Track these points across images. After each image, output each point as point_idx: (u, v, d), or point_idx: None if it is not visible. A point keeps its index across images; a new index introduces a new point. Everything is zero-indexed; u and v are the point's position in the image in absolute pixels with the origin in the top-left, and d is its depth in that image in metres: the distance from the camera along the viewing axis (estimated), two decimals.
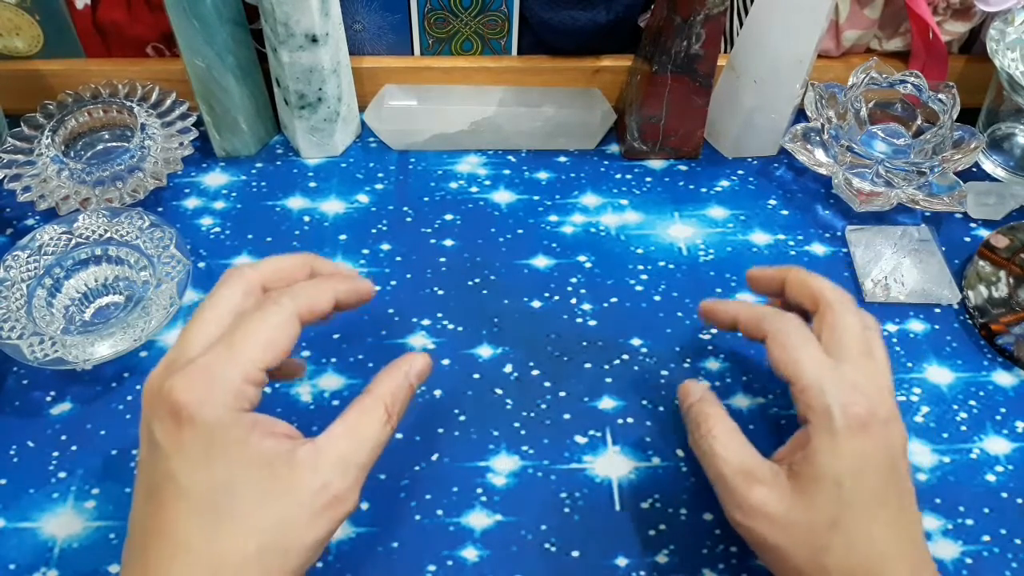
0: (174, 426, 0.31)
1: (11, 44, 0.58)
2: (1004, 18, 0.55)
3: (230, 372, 0.32)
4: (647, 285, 0.52)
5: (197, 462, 0.31)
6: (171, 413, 0.31)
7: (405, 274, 0.52)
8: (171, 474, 0.31)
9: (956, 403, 0.47)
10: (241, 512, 0.31)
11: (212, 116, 0.56)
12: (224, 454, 0.31)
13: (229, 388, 0.32)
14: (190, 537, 0.30)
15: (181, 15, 0.51)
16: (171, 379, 0.31)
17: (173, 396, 0.31)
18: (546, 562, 0.40)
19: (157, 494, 0.31)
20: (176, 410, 0.31)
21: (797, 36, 0.54)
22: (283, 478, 0.31)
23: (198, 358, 0.32)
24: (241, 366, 0.32)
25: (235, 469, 0.31)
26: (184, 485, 0.31)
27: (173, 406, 0.31)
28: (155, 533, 0.31)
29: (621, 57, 0.61)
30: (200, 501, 0.31)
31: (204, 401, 0.31)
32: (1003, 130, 0.60)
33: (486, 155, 0.60)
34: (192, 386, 0.31)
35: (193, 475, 0.31)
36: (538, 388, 0.47)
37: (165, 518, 0.31)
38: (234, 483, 0.31)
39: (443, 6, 0.58)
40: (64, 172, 0.52)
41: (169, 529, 0.31)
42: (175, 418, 0.31)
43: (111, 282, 0.50)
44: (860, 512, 0.34)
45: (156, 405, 0.32)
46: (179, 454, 0.31)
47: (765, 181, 0.59)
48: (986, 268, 0.53)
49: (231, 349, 0.32)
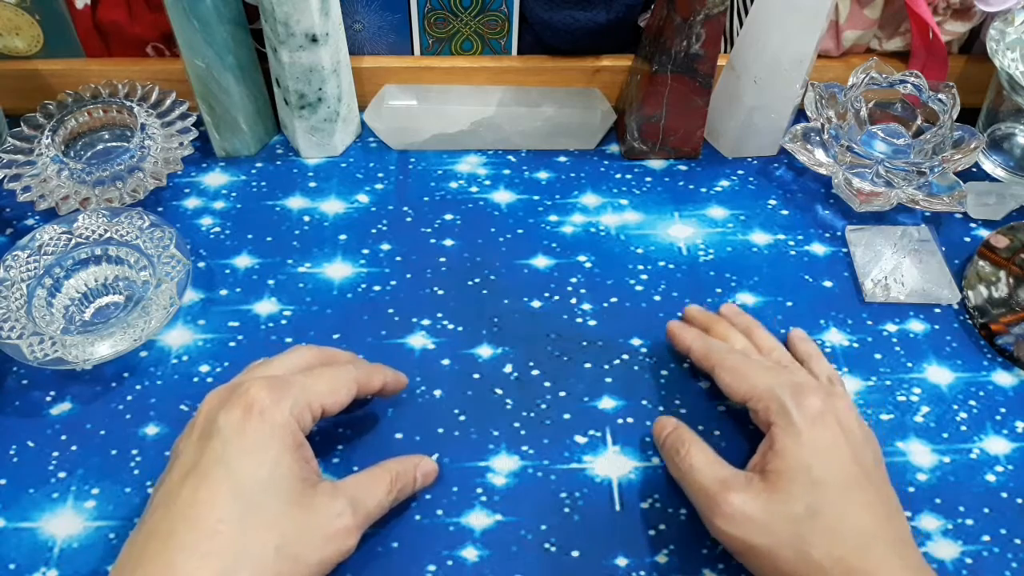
0: (243, 416, 0.35)
1: (11, 44, 0.58)
2: (1004, 18, 0.55)
3: (302, 395, 0.37)
4: (647, 285, 0.52)
5: (251, 452, 0.35)
6: (244, 405, 0.36)
7: (405, 274, 0.52)
8: (224, 457, 0.34)
9: (956, 403, 0.47)
10: (271, 511, 0.34)
11: (212, 116, 0.56)
12: (274, 453, 0.35)
13: (297, 404, 0.37)
14: (223, 518, 0.33)
15: (181, 15, 0.51)
16: (250, 382, 0.36)
17: (251, 392, 0.36)
18: (546, 562, 0.40)
19: (203, 474, 0.34)
20: (250, 403, 0.36)
21: (797, 36, 0.54)
22: (308, 497, 0.36)
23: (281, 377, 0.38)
24: (310, 395, 0.38)
25: (277, 471, 0.35)
26: (234, 468, 0.34)
27: (248, 400, 0.36)
28: (190, 508, 0.33)
29: (621, 57, 0.61)
30: (243, 486, 0.34)
31: (276, 403, 0.36)
32: (1003, 130, 0.60)
33: (486, 155, 0.60)
34: (268, 390, 0.36)
35: (244, 461, 0.35)
36: (538, 388, 0.47)
37: (205, 495, 0.34)
38: (273, 483, 0.35)
39: (443, 6, 0.58)
40: (64, 172, 0.52)
41: (205, 508, 0.33)
42: (247, 410, 0.35)
43: (111, 282, 0.50)
44: (835, 496, 0.36)
45: (230, 396, 0.36)
46: (238, 440, 0.35)
47: (765, 181, 0.59)
48: (986, 268, 0.53)
49: (305, 380, 0.38)
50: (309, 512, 0.35)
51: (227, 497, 0.34)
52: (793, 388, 0.39)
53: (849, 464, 0.37)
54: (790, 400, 0.39)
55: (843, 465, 0.37)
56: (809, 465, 0.37)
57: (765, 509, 0.36)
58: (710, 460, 0.40)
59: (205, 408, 0.37)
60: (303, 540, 0.35)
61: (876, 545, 0.35)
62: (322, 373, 0.40)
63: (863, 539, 0.35)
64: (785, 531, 0.36)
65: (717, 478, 0.38)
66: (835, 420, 0.38)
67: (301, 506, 0.35)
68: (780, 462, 0.37)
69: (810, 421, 0.38)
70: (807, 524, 0.35)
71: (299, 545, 0.34)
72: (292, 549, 0.34)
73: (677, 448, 0.41)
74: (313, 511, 0.35)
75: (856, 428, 0.39)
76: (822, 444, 0.37)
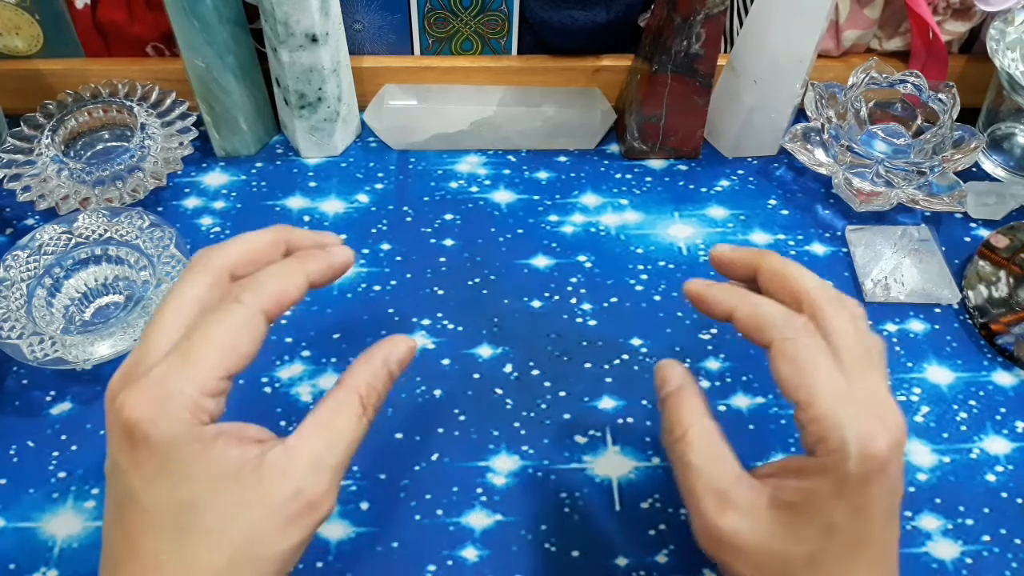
0: (129, 445, 0.29)
1: (11, 44, 0.58)
2: (1004, 18, 0.55)
3: (185, 386, 0.29)
4: (647, 285, 0.52)
5: (156, 481, 0.29)
6: (125, 431, 0.29)
7: (405, 274, 0.52)
8: (132, 492, 0.29)
9: (956, 403, 0.47)
10: (208, 526, 0.29)
11: (212, 116, 0.56)
12: (183, 471, 0.29)
13: (184, 403, 0.29)
14: (158, 554, 0.29)
15: (181, 15, 0.51)
16: (124, 393, 0.29)
17: (124, 414, 0.29)
18: (546, 562, 0.40)
19: (122, 511, 0.30)
20: (129, 429, 0.29)
21: (797, 36, 0.54)
22: (252, 487, 0.30)
23: (151, 372, 0.30)
24: (197, 378, 0.30)
25: (197, 485, 0.29)
26: (145, 504, 0.29)
27: (126, 424, 0.29)
28: (123, 549, 0.30)
29: (621, 57, 0.61)
30: (163, 519, 0.29)
31: (157, 418, 0.29)
32: (1003, 130, 0.60)
33: (486, 155, 0.60)
34: (144, 403, 0.29)
35: (153, 494, 0.29)
36: (538, 388, 0.47)
37: (131, 535, 0.30)
38: (197, 499, 0.29)
39: (443, 6, 0.58)
40: (64, 172, 0.52)
41: (137, 548, 0.29)
42: (129, 437, 0.29)
43: (111, 282, 0.50)
44: (843, 552, 0.31)
45: (111, 420, 0.30)
46: (136, 473, 0.29)
47: (765, 181, 0.59)
48: (986, 268, 0.53)
49: (186, 359, 0.30)
50: (257, 506, 0.30)
51: (151, 533, 0.29)
52: (860, 419, 0.30)
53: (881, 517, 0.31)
54: (854, 443, 0.30)
55: (874, 521, 0.31)
56: (837, 522, 0.30)
57: (762, 542, 0.31)
58: (710, 456, 0.33)
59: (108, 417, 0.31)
60: (259, 539, 0.30)
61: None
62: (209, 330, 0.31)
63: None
64: (774, 568, 0.31)
65: (715, 487, 0.32)
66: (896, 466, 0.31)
67: (244, 504, 0.29)
68: (804, 505, 0.31)
69: (864, 476, 0.30)
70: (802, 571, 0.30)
71: (256, 546, 0.30)
72: (249, 554, 0.29)
73: (673, 425, 0.34)
74: (262, 502, 0.30)
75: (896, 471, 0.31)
76: (864, 502, 0.30)
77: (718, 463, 0.32)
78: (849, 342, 0.32)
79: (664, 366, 0.36)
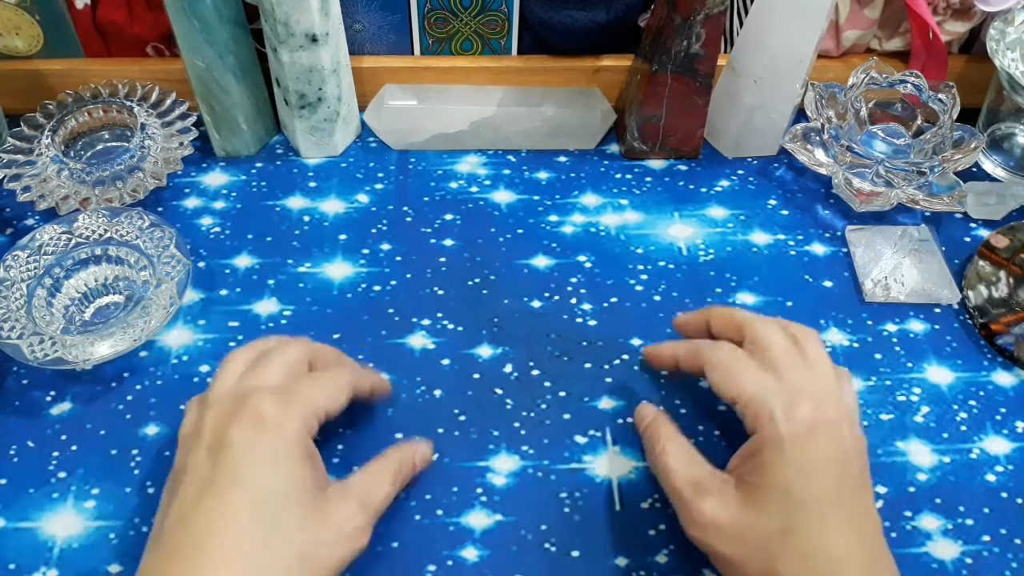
0: (255, 430, 0.35)
1: (11, 44, 0.58)
2: (1004, 18, 0.55)
3: (307, 404, 0.37)
4: (647, 285, 0.52)
5: (266, 465, 0.35)
6: (255, 419, 0.35)
7: (405, 274, 0.52)
8: (239, 472, 0.34)
9: (956, 403, 0.47)
10: (290, 521, 0.35)
11: (212, 116, 0.56)
12: (289, 465, 0.35)
13: (306, 415, 0.37)
14: (246, 532, 0.34)
15: (181, 15, 0.51)
16: (258, 394, 0.36)
17: (262, 407, 0.36)
18: (546, 562, 0.40)
19: (219, 489, 0.34)
20: (261, 417, 0.35)
21: (797, 36, 0.54)
22: (322, 503, 0.36)
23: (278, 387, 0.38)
24: (316, 403, 0.38)
25: (293, 482, 0.35)
26: (251, 482, 0.34)
27: (259, 414, 0.36)
28: (211, 523, 0.34)
29: (621, 57, 0.61)
30: (262, 499, 0.34)
31: (286, 416, 0.36)
32: (1003, 130, 0.60)
33: (486, 155, 0.60)
34: (278, 403, 0.36)
35: (261, 475, 0.35)
36: (538, 388, 0.47)
37: (225, 510, 0.34)
38: (290, 493, 0.35)
39: (443, 6, 0.58)
40: (64, 172, 0.52)
41: (227, 523, 0.34)
42: (258, 424, 0.35)
43: (111, 282, 0.50)
44: (811, 516, 0.34)
45: (238, 411, 0.36)
46: (252, 454, 0.35)
47: (765, 181, 0.59)
48: (986, 268, 0.53)
49: (310, 388, 0.38)
50: (324, 518, 0.36)
51: (247, 511, 0.34)
52: (785, 395, 0.37)
53: (832, 481, 0.35)
54: (779, 410, 0.36)
55: (825, 483, 0.35)
56: (788, 485, 0.35)
57: (737, 521, 0.35)
58: (684, 460, 0.39)
59: (210, 422, 0.36)
60: (322, 545, 0.35)
61: (846, 570, 0.34)
62: (321, 379, 0.40)
63: (834, 563, 0.34)
64: (755, 545, 0.35)
65: (691, 481, 0.37)
66: (826, 432, 0.36)
67: (317, 512, 0.35)
68: (759, 476, 0.35)
69: (799, 436, 0.35)
70: (778, 542, 0.34)
71: (319, 550, 0.35)
72: (312, 555, 0.35)
73: (652, 444, 0.40)
74: (328, 516, 0.36)
75: (847, 437, 0.36)
76: (807, 461, 0.35)
77: (691, 464, 0.38)
78: (780, 351, 0.39)
79: (640, 408, 0.44)
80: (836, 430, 0.36)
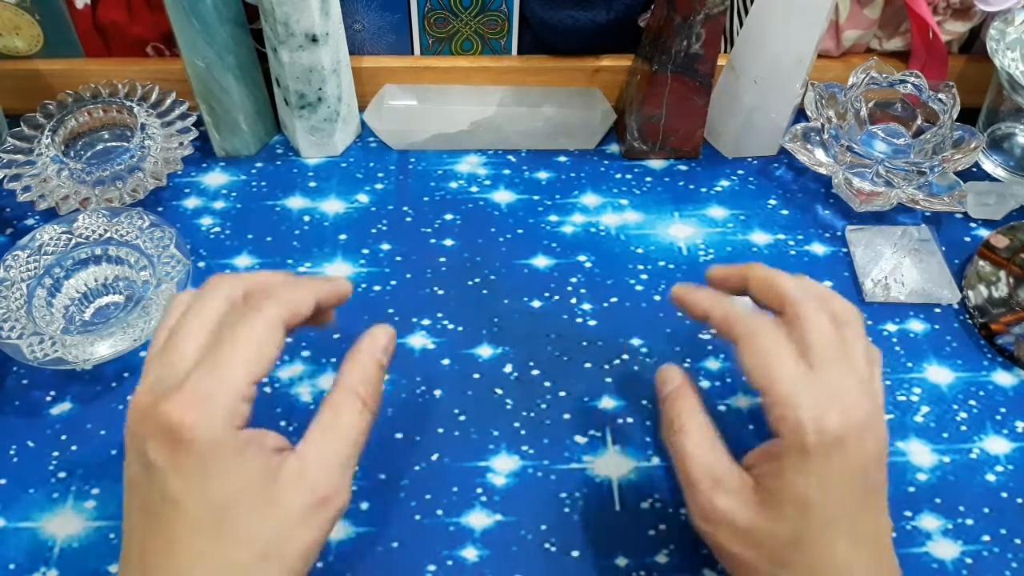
0: (170, 448, 0.31)
1: (11, 44, 0.58)
2: (1004, 18, 0.55)
3: (222, 391, 0.32)
4: (647, 285, 0.52)
5: (196, 482, 0.31)
6: (167, 435, 0.31)
7: (405, 274, 0.52)
8: (170, 495, 0.31)
9: (956, 403, 0.47)
10: (240, 527, 0.31)
11: (212, 116, 0.56)
12: (222, 473, 0.31)
13: (223, 408, 0.32)
14: (193, 554, 0.31)
15: (181, 15, 0.51)
16: (164, 402, 0.31)
17: (169, 418, 0.31)
18: (546, 562, 0.40)
19: (156, 514, 0.32)
20: (172, 432, 0.31)
21: (797, 36, 0.54)
22: (274, 491, 0.32)
23: (188, 378, 0.32)
24: (233, 383, 0.32)
25: (232, 486, 0.31)
26: (184, 505, 0.31)
27: (169, 428, 0.31)
28: (156, 551, 0.31)
29: (621, 57, 0.61)
30: (201, 519, 0.31)
31: (200, 422, 0.31)
32: (1003, 130, 0.60)
33: (486, 155, 0.60)
34: (186, 407, 0.31)
35: (193, 495, 0.31)
36: (538, 388, 0.47)
37: (166, 537, 0.31)
38: (232, 500, 0.31)
39: (443, 6, 0.58)
40: (64, 172, 0.52)
41: (172, 547, 0.31)
42: (172, 440, 0.31)
43: (111, 282, 0.50)
44: (825, 529, 0.33)
45: (150, 426, 0.32)
46: (177, 474, 0.31)
47: (765, 181, 0.59)
48: (986, 268, 0.53)
49: (219, 366, 0.32)
50: (279, 508, 0.32)
51: (188, 533, 0.31)
52: (816, 398, 0.34)
53: (852, 496, 0.33)
54: (808, 419, 0.33)
55: (845, 498, 0.33)
56: (810, 497, 0.33)
57: (750, 522, 0.34)
58: (705, 447, 0.36)
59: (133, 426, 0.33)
60: (284, 537, 0.32)
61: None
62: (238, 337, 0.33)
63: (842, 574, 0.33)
64: (765, 548, 0.34)
65: (709, 472, 0.35)
66: (853, 443, 0.33)
67: (271, 503, 0.32)
68: (779, 482, 0.34)
69: (824, 449, 0.33)
70: (788, 552, 0.33)
71: (281, 544, 0.32)
72: (275, 551, 0.32)
73: (671, 419, 0.37)
74: (283, 505, 0.32)
75: (872, 447, 0.34)
76: (830, 477, 0.33)
77: (712, 452, 0.36)
78: (820, 337, 0.35)
79: (665, 369, 0.39)
80: (862, 438, 0.34)
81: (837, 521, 0.33)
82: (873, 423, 0.34)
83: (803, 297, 0.37)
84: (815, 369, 0.35)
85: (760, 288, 0.39)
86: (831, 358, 0.35)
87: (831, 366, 0.35)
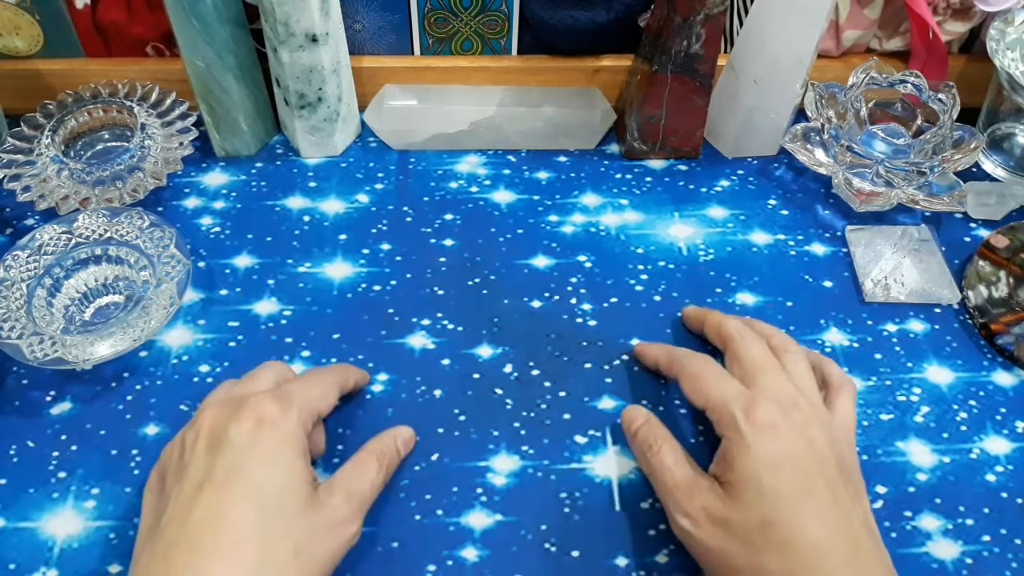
0: (254, 427, 0.37)
1: (11, 44, 0.58)
2: (1004, 18, 0.55)
3: (304, 402, 0.39)
4: (647, 285, 0.52)
5: (265, 461, 0.36)
6: (255, 417, 0.37)
7: (405, 274, 0.52)
8: (239, 468, 0.36)
9: (956, 403, 0.47)
10: (287, 515, 0.36)
11: (212, 116, 0.56)
12: (287, 462, 0.37)
13: (301, 410, 0.39)
14: (246, 525, 0.34)
15: (181, 15, 0.51)
16: (256, 396, 0.38)
17: (261, 406, 0.37)
18: (546, 562, 0.41)
19: (219, 484, 0.35)
20: (261, 416, 0.37)
21: (797, 36, 0.54)
22: (314, 497, 0.37)
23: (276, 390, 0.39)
24: (310, 402, 0.40)
25: (291, 478, 0.37)
26: (251, 477, 0.36)
27: (259, 412, 0.37)
28: (211, 518, 0.34)
29: (621, 57, 0.61)
30: (260, 494, 0.35)
31: (285, 414, 0.38)
32: (1003, 130, 0.60)
33: (486, 155, 0.60)
34: (277, 402, 0.38)
35: (260, 470, 0.36)
36: (538, 388, 0.47)
37: (225, 505, 0.35)
38: (287, 489, 0.36)
39: (443, 6, 0.58)
40: (64, 172, 0.52)
41: (227, 517, 0.34)
42: (258, 421, 0.37)
43: (111, 282, 0.50)
44: (787, 507, 0.36)
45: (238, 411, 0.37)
46: (252, 451, 0.36)
47: (765, 181, 0.59)
48: (986, 268, 0.53)
49: (302, 389, 0.40)
50: (317, 511, 0.37)
51: (246, 505, 0.35)
52: (746, 400, 0.39)
53: (800, 474, 0.37)
54: (740, 412, 0.38)
55: (796, 476, 0.37)
56: (758, 476, 0.37)
57: (724, 515, 0.37)
58: (680, 459, 0.40)
59: (208, 422, 0.37)
60: (315, 538, 0.36)
61: (828, 561, 0.35)
62: (310, 380, 0.42)
63: (815, 554, 0.35)
64: (740, 539, 0.36)
65: (685, 478, 0.39)
66: (790, 430, 0.38)
67: (310, 506, 0.37)
68: (732, 473, 0.37)
69: (758, 432, 0.38)
70: (760, 534, 0.36)
71: (313, 543, 0.36)
72: (307, 548, 0.36)
73: (650, 443, 0.41)
74: (319, 509, 0.37)
75: (818, 438, 0.38)
76: (771, 456, 0.37)
77: (686, 465, 0.40)
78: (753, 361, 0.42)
79: (631, 409, 0.44)
80: (802, 430, 0.38)
81: (795, 500, 0.36)
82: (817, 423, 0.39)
83: (740, 332, 0.44)
84: (748, 383, 0.41)
85: (711, 331, 0.46)
86: (765, 371, 0.41)
87: (764, 376, 0.41)
